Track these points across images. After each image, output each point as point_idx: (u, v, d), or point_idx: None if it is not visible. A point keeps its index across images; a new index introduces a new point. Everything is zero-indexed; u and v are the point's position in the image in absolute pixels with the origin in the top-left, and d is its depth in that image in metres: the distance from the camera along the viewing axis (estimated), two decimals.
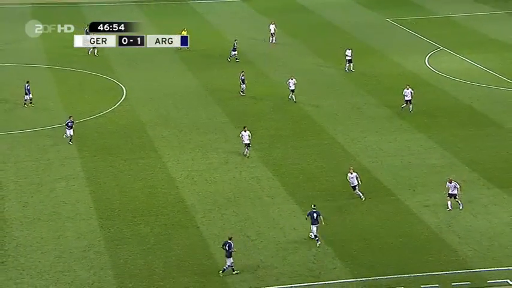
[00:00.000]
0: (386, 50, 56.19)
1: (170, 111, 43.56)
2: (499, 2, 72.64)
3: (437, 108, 43.72)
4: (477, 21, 65.05)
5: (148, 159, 36.75)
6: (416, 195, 33.16)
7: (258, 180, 34.63)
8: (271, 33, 57.42)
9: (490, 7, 70.48)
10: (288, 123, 41.61)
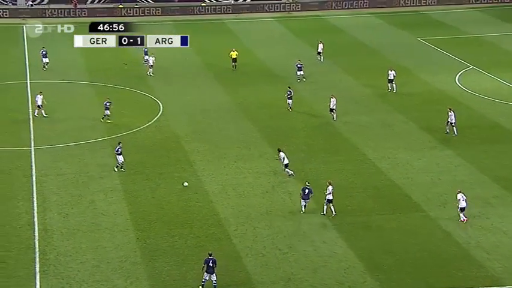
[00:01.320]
0: (417, 68, 55.91)
1: (205, 126, 43.89)
2: None
3: (466, 126, 43.30)
4: (507, 41, 64.38)
5: (184, 173, 37.04)
6: (445, 211, 32.85)
7: (290, 194, 34.66)
8: (318, 52, 57.25)
9: None
10: (319, 140, 41.62)
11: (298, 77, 52.10)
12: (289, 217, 32.52)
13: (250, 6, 79.11)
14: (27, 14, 74.36)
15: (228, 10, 78.27)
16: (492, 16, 75.62)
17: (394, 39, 66.56)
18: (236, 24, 73.40)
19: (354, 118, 45.09)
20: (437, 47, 62.54)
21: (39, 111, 44.55)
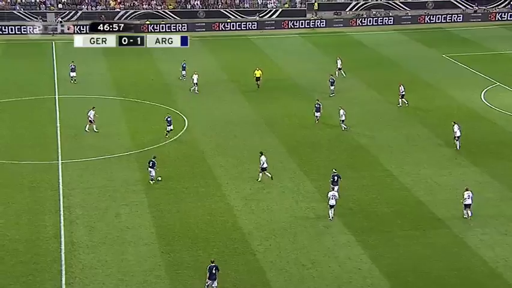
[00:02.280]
0: (441, 84, 55.53)
1: (230, 141, 43.95)
2: None
3: (492, 142, 42.82)
4: None
5: (208, 187, 37.08)
6: (471, 228, 32.40)
7: (314, 209, 34.48)
8: (338, 68, 57.22)
9: None
10: (342, 154, 41.41)
11: (332, 92, 52.10)
12: (313, 232, 32.33)
13: (275, 23, 79.42)
14: (57, 31, 75.33)
15: (253, 26, 78.64)
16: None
17: (419, 55, 66.23)
18: (261, 40, 73.65)
19: (378, 133, 44.83)
20: (463, 63, 62.09)
21: (91, 126, 44.53)
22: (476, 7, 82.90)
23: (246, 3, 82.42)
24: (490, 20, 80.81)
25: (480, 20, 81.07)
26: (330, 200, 33.45)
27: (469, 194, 32.98)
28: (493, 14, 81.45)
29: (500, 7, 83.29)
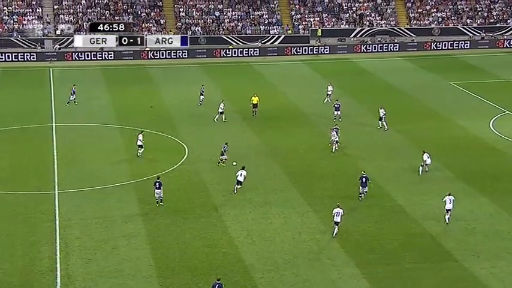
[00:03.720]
0: (449, 113, 55.73)
1: (231, 170, 43.95)
2: None
3: (501, 173, 42.86)
4: None
5: (209, 218, 37.08)
6: (481, 262, 32.30)
7: (318, 241, 34.43)
8: (327, 94, 57.62)
9: None
10: (348, 185, 41.40)
11: (335, 117, 52.81)
12: (317, 264, 32.25)
13: (278, 49, 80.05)
14: (54, 57, 76.02)
15: (255, 53, 79.27)
16: None
17: (426, 83, 66.58)
18: (263, 67, 74.16)
19: (384, 163, 44.89)
20: (470, 91, 62.38)
21: (139, 151, 45.50)
22: (483, 34, 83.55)
23: (248, 30, 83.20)
24: (497, 47, 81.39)
25: (488, 47, 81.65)
26: (335, 216, 34.20)
27: (451, 198, 35.58)
28: (501, 41, 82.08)
29: (507, 34, 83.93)
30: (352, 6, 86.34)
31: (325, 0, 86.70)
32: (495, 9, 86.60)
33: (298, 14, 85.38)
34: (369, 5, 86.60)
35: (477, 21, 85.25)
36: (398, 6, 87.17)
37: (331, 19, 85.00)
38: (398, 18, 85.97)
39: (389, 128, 51.56)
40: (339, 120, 52.62)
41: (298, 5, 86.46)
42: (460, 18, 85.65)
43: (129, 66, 74.52)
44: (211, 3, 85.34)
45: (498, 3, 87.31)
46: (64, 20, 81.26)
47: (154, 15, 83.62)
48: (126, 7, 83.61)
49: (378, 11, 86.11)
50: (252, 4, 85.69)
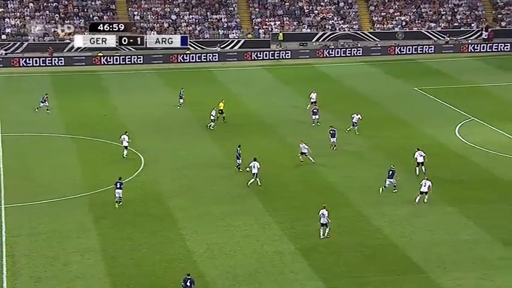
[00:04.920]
0: (414, 119, 56.43)
1: (190, 181, 43.86)
2: None
3: (469, 181, 43.55)
4: (507, 91, 65.35)
5: (167, 231, 36.85)
6: (447, 273, 32.73)
7: (281, 254, 34.49)
8: (312, 102, 57.81)
9: None
10: (312, 195, 41.62)
11: (313, 121, 54.03)
12: (280, 279, 32.28)
13: (238, 54, 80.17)
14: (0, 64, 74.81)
15: (214, 58, 79.27)
16: (491, 65, 77.00)
17: (390, 88, 67.39)
18: (223, 72, 74.21)
19: (350, 172, 45.23)
20: (435, 96, 63.34)
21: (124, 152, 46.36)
22: (448, 38, 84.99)
23: (206, 34, 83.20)
24: (462, 52, 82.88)
25: (452, 51, 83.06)
26: (321, 218, 35.16)
27: (427, 182, 39.16)
28: (465, 45, 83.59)
29: (472, 38, 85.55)
30: (313, 10, 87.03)
31: (286, 4, 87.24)
32: (459, 13, 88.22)
33: (258, 17, 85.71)
34: (331, 9, 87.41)
35: (441, 25, 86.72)
36: (361, 9, 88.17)
37: (293, 23, 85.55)
38: (361, 22, 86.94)
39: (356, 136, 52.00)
40: (317, 124, 53.51)
41: (258, 8, 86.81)
42: (423, 22, 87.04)
43: (81, 72, 73.77)
44: (167, 6, 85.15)
45: (462, 6, 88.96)
46: (10, 24, 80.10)
47: (107, 19, 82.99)
48: (77, 10, 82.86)
49: (340, 15, 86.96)
50: (210, 7, 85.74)
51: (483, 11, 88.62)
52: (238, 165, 44.78)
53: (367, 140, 51.19)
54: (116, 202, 39.28)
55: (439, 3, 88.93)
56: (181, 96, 59.69)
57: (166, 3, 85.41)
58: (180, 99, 59.60)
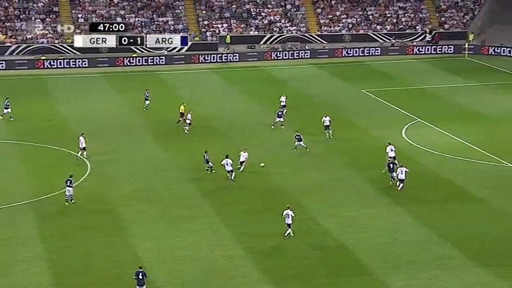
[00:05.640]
0: (362, 122, 57.03)
1: (139, 186, 43.41)
2: (474, 74, 74.84)
3: (416, 182, 44.15)
4: (452, 93, 66.67)
5: (115, 237, 36.38)
6: (397, 274, 33.11)
7: (231, 258, 34.40)
8: (282, 105, 57.71)
9: (465, 79, 72.50)
10: (262, 198, 41.67)
11: (275, 124, 54.19)
12: (230, 283, 32.20)
13: (185, 57, 79.78)
14: None
15: (161, 61, 78.72)
16: (437, 67, 78.47)
17: (338, 90, 68.01)
18: (170, 75, 73.76)
19: (299, 175, 45.43)
20: (382, 99, 64.18)
21: (82, 153, 46.72)
22: (393, 40, 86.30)
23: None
24: (407, 54, 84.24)
25: (398, 53, 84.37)
26: (286, 218, 35.63)
27: (403, 169, 41.98)
28: (411, 47, 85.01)
29: (417, 41, 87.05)
30: (261, 12, 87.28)
31: (233, 6, 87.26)
32: (404, 15, 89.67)
33: (206, 20, 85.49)
34: (279, 11, 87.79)
35: (387, 28, 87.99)
36: (308, 12, 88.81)
37: (240, 25, 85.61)
38: (309, 24, 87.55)
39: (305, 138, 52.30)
40: (281, 127, 53.65)
41: (205, 11, 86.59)
42: (370, 24, 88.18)
43: (23, 76, 72.39)
44: (113, 8, 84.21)
45: (407, 9, 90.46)
46: None
47: (50, 21, 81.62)
48: (18, 13, 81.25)
49: (287, 17, 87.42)
50: (156, 10, 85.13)
51: (427, 14, 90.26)
52: (210, 167, 44.50)
53: (316, 143, 51.49)
54: (66, 200, 39.07)
55: (384, 6, 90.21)
56: (147, 98, 59.32)
57: (111, 5, 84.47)
58: (146, 101, 59.22)
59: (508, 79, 72.69)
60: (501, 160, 48.06)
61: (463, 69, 77.15)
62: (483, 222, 38.60)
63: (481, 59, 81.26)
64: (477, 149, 50.26)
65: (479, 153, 49.37)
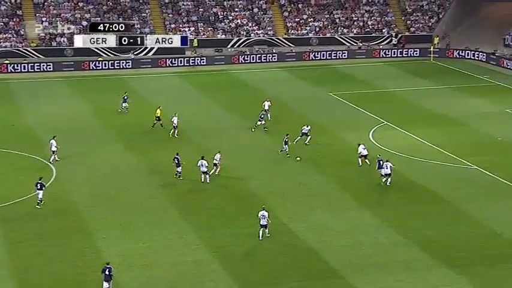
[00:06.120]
0: (330, 124, 57.30)
1: (105, 191, 43.04)
2: (440, 76, 75.74)
3: (384, 186, 44.47)
4: (418, 96, 67.34)
5: (81, 243, 36.01)
6: (365, 276, 33.31)
7: (199, 263, 34.27)
8: (265, 110, 57.51)
9: (432, 81, 73.34)
10: (231, 202, 41.63)
11: (256, 126, 54.62)
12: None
13: (152, 61, 79.40)
14: None
15: (127, 65, 78.23)
16: (403, 70, 79.20)
17: (306, 94, 68.23)
18: (137, 80, 73.33)
19: (269, 179, 45.43)
20: (350, 102, 64.57)
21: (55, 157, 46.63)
22: (360, 44, 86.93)
23: None
24: (374, 57, 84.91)
25: (365, 56, 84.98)
26: (262, 219, 35.71)
27: (388, 164, 43.58)
28: (377, 50, 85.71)
29: (383, 44, 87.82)
30: (228, 16, 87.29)
31: (200, 9, 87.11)
32: (370, 19, 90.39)
33: (172, 23, 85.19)
34: (246, 14, 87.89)
35: (353, 31, 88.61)
36: (276, 15, 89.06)
37: (207, 29, 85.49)
38: (276, 27, 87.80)
39: (273, 142, 52.34)
40: (264, 129, 54.17)
41: (171, 14, 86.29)
42: (337, 28, 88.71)
43: None
44: (78, 12, 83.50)
45: (373, 13, 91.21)
46: None
47: (13, 24, 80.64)
48: None
49: (255, 21, 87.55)
50: (123, 13, 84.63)
51: (393, 17, 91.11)
52: (178, 173, 44.33)
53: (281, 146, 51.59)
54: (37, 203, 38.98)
55: (351, 9, 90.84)
56: (125, 101, 59.09)
57: (76, 8, 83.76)
58: (124, 103, 59.03)
59: (471, 82, 73.70)
60: (465, 161, 48.68)
61: (429, 72, 78.01)
62: (448, 223, 39.04)
63: (446, 62, 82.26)
64: (442, 151, 50.84)
65: (444, 155, 49.95)
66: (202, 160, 43.75)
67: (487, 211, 40.55)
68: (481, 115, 60.63)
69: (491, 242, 36.84)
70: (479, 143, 53.16)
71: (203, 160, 43.73)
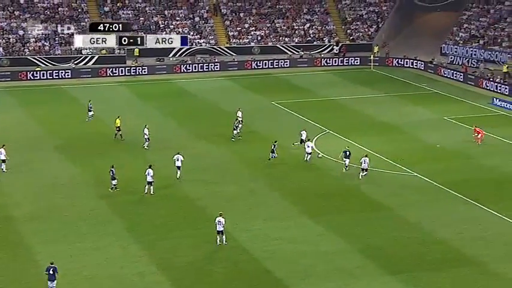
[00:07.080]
0: (273, 133, 57.42)
1: (46, 203, 42.25)
2: (380, 85, 76.95)
3: (326, 193, 44.90)
4: (360, 104, 68.24)
5: (20, 257, 35.25)
6: (309, 285, 33.48)
7: (142, 275, 33.91)
8: (239, 120, 57.10)
9: (372, 90, 74.44)
10: (177, 211, 41.37)
11: (234, 137, 54.55)
12: None
13: (92, 70, 78.43)
14: None
15: (67, 74, 77.07)
16: (344, 79, 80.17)
17: (249, 103, 68.29)
18: (77, 89, 72.31)
19: (213, 187, 45.31)
20: (292, 110, 64.98)
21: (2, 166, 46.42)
22: (302, 52, 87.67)
23: (58, 50, 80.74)
24: (316, 66, 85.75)
25: (306, 65, 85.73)
26: (217, 226, 36.18)
27: (365, 159, 46.26)
28: (319, 59, 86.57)
29: (324, 53, 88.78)
30: (169, 25, 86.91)
31: (141, 19, 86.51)
32: (311, 28, 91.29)
33: None
34: (187, 23, 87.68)
35: (295, 40, 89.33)
36: (217, 24, 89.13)
37: None
38: (218, 37, 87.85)
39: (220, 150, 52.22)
40: (238, 138, 54.34)
41: None
42: (278, 36, 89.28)
43: None
44: (14, 20, 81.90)
45: (314, 22, 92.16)
46: None
47: None
48: None
49: (196, 30, 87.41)
50: (60, 21, 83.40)
51: (333, 26, 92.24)
52: (114, 185, 43.79)
53: (230, 155, 51.60)
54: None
55: (292, 18, 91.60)
56: (90, 109, 58.44)
57: (12, 17, 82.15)
58: (89, 112, 58.47)
59: (411, 90, 75.11)
60: (405, 168, 49.51)
61: (369, 80, 79.17)
62: (390, 230, 39.59)
63: (385, 70, 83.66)
64: (383, 158, 51.57)
65: (385, 163, 50.69)
66: (149, 169, 43.32)
67: (427, 217, 41.29)
68: (420, 122, 61.81)
69: (432, 247, 37.51)
70: (419, 150, 54.16)
71: (150, 169, 43.30)
